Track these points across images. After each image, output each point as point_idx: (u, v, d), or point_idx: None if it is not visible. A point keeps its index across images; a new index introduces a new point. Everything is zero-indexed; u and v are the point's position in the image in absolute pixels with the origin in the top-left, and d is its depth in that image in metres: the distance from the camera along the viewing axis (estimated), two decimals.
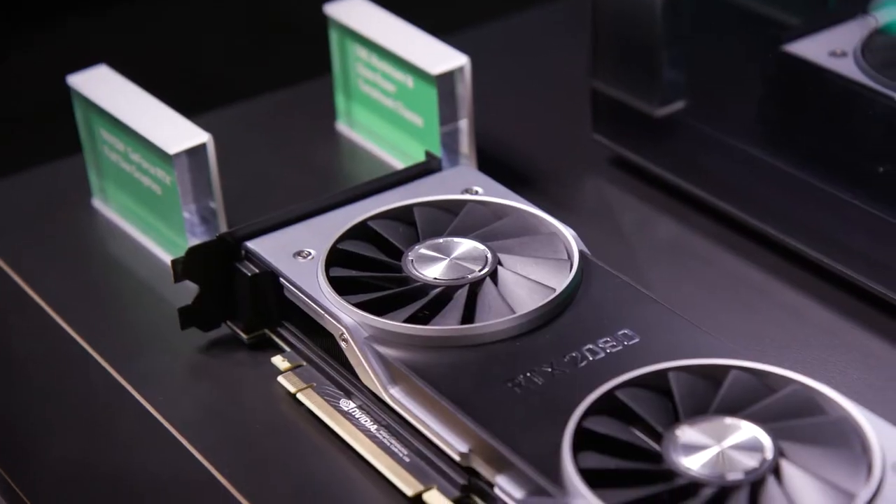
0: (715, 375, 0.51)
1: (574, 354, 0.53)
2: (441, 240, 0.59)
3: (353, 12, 0.71)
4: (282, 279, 0.58)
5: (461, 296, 0.56)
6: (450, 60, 0.67)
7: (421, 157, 0.65)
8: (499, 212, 0.61)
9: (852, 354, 0.59)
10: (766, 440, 0.49)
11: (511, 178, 0.66)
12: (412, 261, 0.58)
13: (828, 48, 0.64)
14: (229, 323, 0.61)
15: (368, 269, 0.58)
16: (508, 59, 0.81)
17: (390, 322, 0.55)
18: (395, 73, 0.69)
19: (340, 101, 0.74)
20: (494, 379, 0.52)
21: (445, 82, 0.67)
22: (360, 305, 0.56)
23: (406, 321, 0.55)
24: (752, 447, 0.48)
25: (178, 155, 0.63)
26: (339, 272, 0.58)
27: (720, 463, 0.48)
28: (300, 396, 0.57)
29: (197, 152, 0.63)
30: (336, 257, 0.58)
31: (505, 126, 0.75)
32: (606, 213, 0.69)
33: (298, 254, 0.59)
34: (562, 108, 0.76)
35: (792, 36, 0.65)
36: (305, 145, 0.74)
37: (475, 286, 0.57)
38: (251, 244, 0.60)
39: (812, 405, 0.50)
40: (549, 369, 0.53)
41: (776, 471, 0.48)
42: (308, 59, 0.82)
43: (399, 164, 0.71)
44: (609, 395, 0.51)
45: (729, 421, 0.49)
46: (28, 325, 0.64)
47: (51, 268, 0.67)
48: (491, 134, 0.73)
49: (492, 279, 0.57)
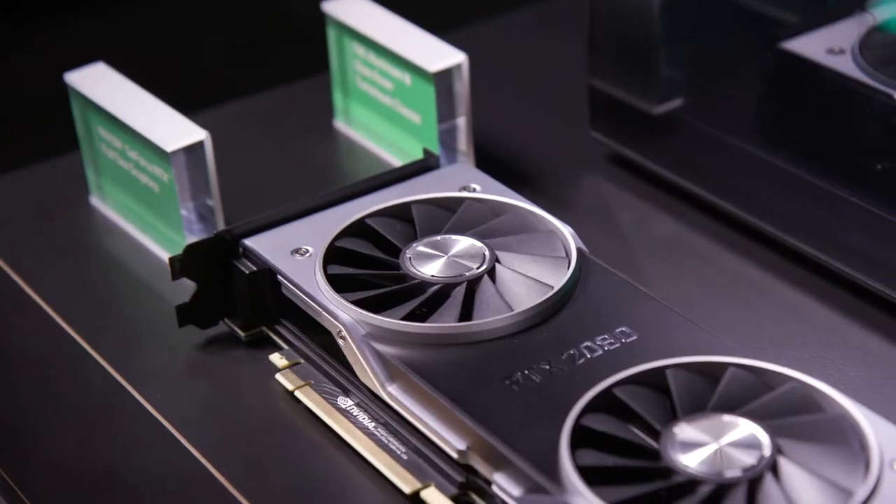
0: (713, 373, 0.51)
1: (572, 352, 0.53)
2: (439, 237, 0.59)
3: (351, 10, 0.71)
4: (279, 277, 0.58)
5: (459, 293, 0.56)
6: (447, 58, 0.67)
7: (419, 155, 0.65)
8: (497, 209, 0.61)
9: (850, 352, 0.59)
10: (763, 438, 0.49)
11: (509, 176, 0.66)
12: (410, 258, 0.58)
13: (825, 45, 0.64)
14: (227, 320, 0.61)
15: (366, 266, 0.58)
16: (506, 56, 0.81)
17: (388, 319, 0.55)
18: (392, 70, 0.69)
19: (338, 99, 0.74)
20: (492, 376, 0.52)
21: (443, 80, 0.67)
22: (357, 303, 0.56)
23: (404, 318, 0.55)
24: (750, 444, 0.48)
25: (176, 152, 0.63)
26: (336, 270, 0.58)
27: (718, 460, 0.48)
28: (298, 394, 0.57)
29: (194, 150, 0.63)
30: (334, 255, 0.58)
31: (503, 123, 0.75)
32: (604, 210, 0.69)
33: (296, 251, 0.59)
34: (560, 106, 0.76)
35: (790, 33, 0.65)
36: (303, 143, 0.74)
37: (473, 284, 0.57)
38: (249, 242, 0.60)
39: (810, 402, 0.50)
40: (547, 367, 0.53)
41: (774, 468, 0.48)
42: (306, 56, 0.82)
43: (397, 162, 0.71)
44: (607, 392, 0.51)
45: (727, 418, 0.49)
46: (25, 323, 0.64)
47: (48, 265, 0.67)
48: (489, 131, 0.73)
49: (490, 277, 0.57)
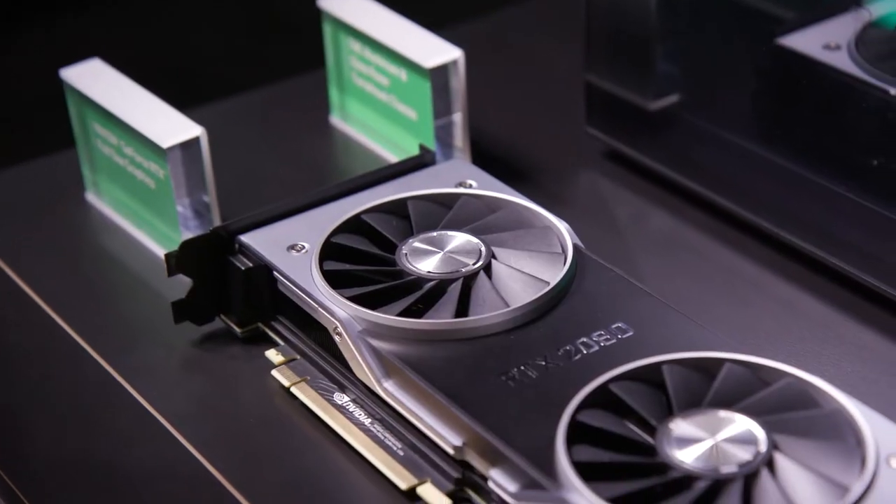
0: (709, 368, 0.52)
1: (568, 348, 0.53)
2: (435, 233, 0.59)
3: (347, 6, 0.71)
4: (275, 273, 0.58)
5: (455, 289, 0.56)
6: (443, 54, 0.67)
7: (415, 151, 0.65)
8: (493, 205, 0.61)
9: (846, 347, 0.59)
10: (759, 433, 0.49)
11: (505, 172, 0.66)
12: (406, 254, 0.58)
13: (821, 41, 0.64)
14: (223, 317, 0.61)
15: (362, 262, 0.58)
16: (502, 52, 0.81)
17: (384, 315, 0.55)
18: (388, 66, 0.69)
19: (334, 95, 0.74)
20: (488, 372, 0.52)
21: (439, 76, 0.67)
22: (353, 299, 0.56)
23: (400, 315, 0.55)
24: (746, 440, 0.48)
25: (172, 148, 0.63)
26: (332, 266, 0.58)
27: (714, 456, 0.48)
28: (294, 390, 0.57)
29: (190, 146, 0.63)
30: (330, 251, 0.58)
31: (499, 119, 0.75)
32: (600, 206, 0.69)
33: (292, 247, 0.59)
34: (556, 102, 0.76)
35: (786, 29, 0.65)
36: (299, 139, 0.74)
37: (469, 280, 0.57)
38: (245, 238, 0.60)
39: (806, 398, 0.50)
40: (543, 363, 0.53)
41: (770, 464, 0.48)
42: (302, 52, 0.82)
43: (393, 158, 0.71)
44: (603, 388, 0.51)
45: (723, 414, 0.49)
46: (21, 320, 0.64)
47: (44, 262, 0.67)
48: (485, 127, 0.73)
49: (486, 273, 0.57)
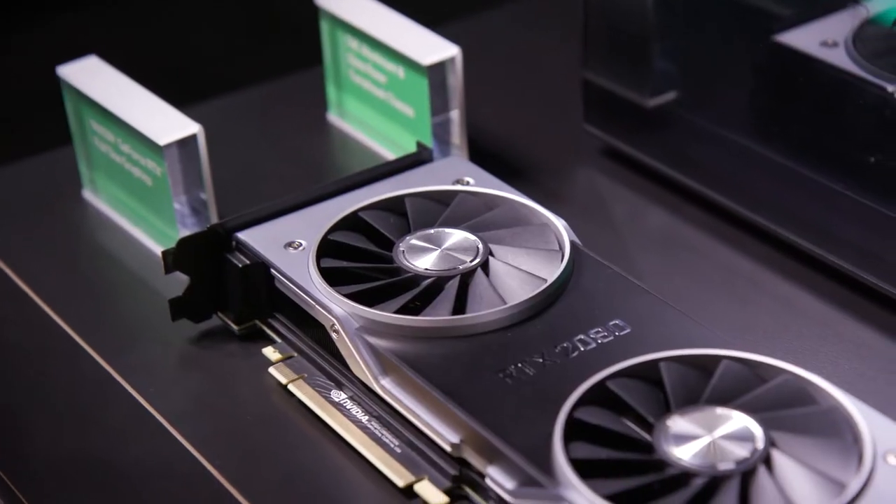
0: (706, 366, 0.51)
1: (565, 345, 0.53)
2: (432, 230, 0.59)
3: (344, 3, 0.71)
4: (273, 270, 0.58)
5: (452, 286, 0.56)
6: (441, 51, 0.67)
7: (412, 148, 0.65)
8: (490, 202, 0.61)
9: (844, 344, 0.59)
10: (757, 430, 0.49)
11: (502, 169, 0.66)
12: (403, 251, 0.58)
13: (819, 38, 0.64)
14: (220, 314, 0.61)
15: (359, 259, 0.58)
16: (500, 49, 0.81)
17: (381, 313, 0.54)
18: (386, 63, 0.69)
19: (331, 92, 0.74)
20: (486, 369, 0.52)
21: (437, 73, 0.67)
22: (351, 296, 0.55)
23: (397, 312, 0.55)
24: (744, 437, 0.48)
25: (169, 146, 0.63)
26: (330, 263, 0.58)
27: (711, 453, 0.48)
28: (291, 387, 0.57)
29: (187, 143, 0.63)
30: (327, 248, 0.58)
31: (496, 117, 0.75)
32: (598, 203, 0.69)
33: (289, 245, 0.59)
34: (553, 99, 0.76)
35: (783, 26, 0.65)
36: (296, 136, 0.74)
37: (466, 277, 0.57)
38: (242, 235, 0.60)
39: (803, 395, 0.50)
40: (541, 360, 0.53)
41: (767, 461, 0.48)
42: (299, 49, 0.81)
43: (390, 155, 0.71)
44: (600, 385, 0.51)
45: (720, 411, 0.49)
46: (17, 317, 0.64)
47: (41, 259, 0.67)
48: (482, 125, 0.73)
49: (483, 270, 0.57)
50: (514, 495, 0.49)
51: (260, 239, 0.59)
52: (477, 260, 0.57)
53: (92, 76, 0.67)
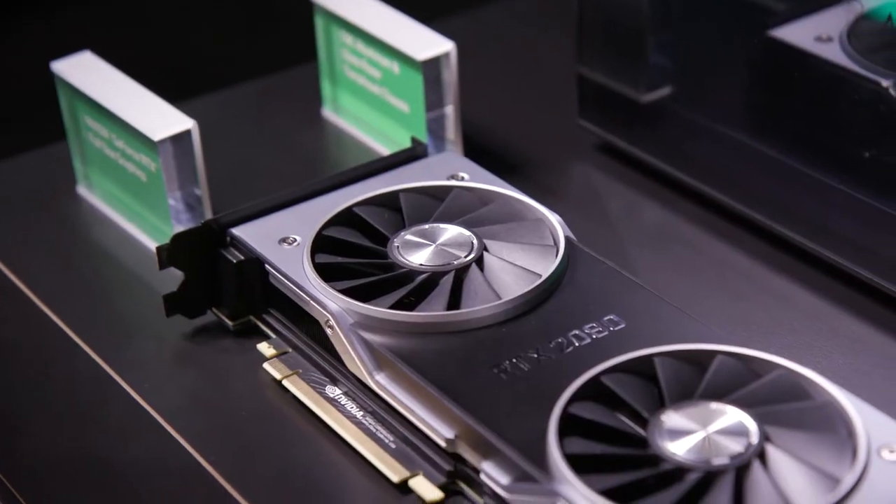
0: (700, 361, 0.52)
1: (560, 340, 0.53)
2: (427, 226, 0.59)
3: None
4: (267, 266, 0.58)
5: (447, 282, 0.56)
6: (435, 46, 0.67)
7: (407, 144, 0.65)
8: (485, 198, 0.61)
9: (838, 339, 0.59)
10: (751, 425, 0.49)
11: (497, 164, 0.66)
12: (398, 247, 0.58)
13: (814, 33, 0.64)
14: (215, 310, 0.61)
15: (354, 255, 0.58)
16: (495, 44, 0.81)
17: (376, 308, 0.54)
18: (380, 59, 0.69)
19: (326, 88, 0.74)
20: (480, 365, 0.52)
21: (431, 68, 0.67)
22: (345, 292, 0.55)
23: (392, 307, 0.55)
24: (738, 432, 0.48)
25: (163, 141, 0.63)
26: (324, 259, 0.58)
27: (706, 448, 0.48)
28: (286, 383, 0.57)
29: (182, 139, 0.63)
30: (321, 244, 0.58)
31: (491, 112, 0.75)
32: (593, 199, 0.69)
33: (284, 240, 0.59)
34: (548, 94, 0.76)
35: (778, 21, 0.65)
36: (291, 132, 0.74)
37: (461, 272, 0.56)
38: (236, 231, 0.59)
39: (798, 390, 0.50)
40: (535, 355, 0.53)
41: (762, 455, 0.48)
42: (294, 45, 0.81)
43: (385, 151, 0.71)
44: (595, 380, 0.51)
45: (714, 406, 0.49)
46: (12, 313, 0.64)
47: (35, 255, 0.66)
48: (477, 120, 0.73)
49: (478, 265, 0.57)
50: (508, 490, 0.49)
51: (254, 234, 0.59)
52: (471, 255, 0.57)
53: (86, 72, 0.67)
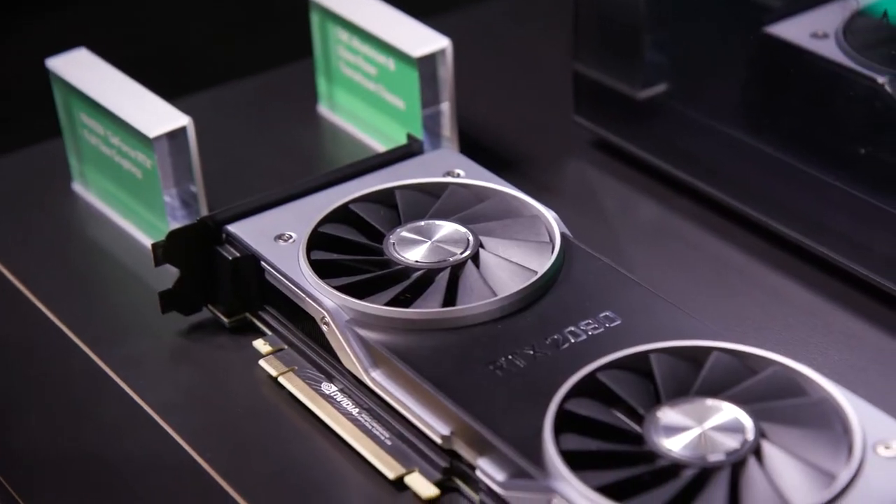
0: (696, 357, 0.52)
1: (556, 337, 0.53)
2: (423, 223, 0.59)
3: None
4: (263, 263, 0.58)
5: (443, 279, 0.56)
6: (431, 43, 0.67)
7: (403, 140, 0.65)
8: (481, 194, 0.61)
9: (833, 336, 0.59)
10: (747, 421, 0.49)
11: (493, 161, 0.66)
12: (394, 244, 0.58)
13: (809, 30, 0.64)
14: (210, 307, 0.61)
15: (350, 252, 0.58)
16: (490, 41, 0.81)
17: (372, 305, 0.54)
18: (376, 55, 0.69)
19: (322, 84, 0.74)
20: (476, 362, 0.52)
21: (427, 65, 0.67)
22: (341, 289, 0.55)
23: (387, 304, 0.55)
24: (734, 428, 0.48)
25: (159, 138, 0.63)
26: (320, 255, 0.58)
27: (701, 444, 0.48)
28: (282, 380, 0.57)
29: (177, 136, 0.63)
30: (317, 240, 0.58)
31: (487, 109, 0.75)
32: (588, 195, 0.69)
33: (279, 237, 0.59)
34: (544, 91, 0.76)
35: (774, 18, 0.65)
36: (287, 128, 0.74)
37: (457, 269, 0.56)
38: (232, 228, 0.59)
39: (793, 386, 0.50)
40: (531, 352, 0.53)
41: (757, 452, 0.48)
42: (289, 42, 0.81)
43: (381, 147, 0.71)
44: (590, 377, 0.51)
45: (710, 402, 0.49)
46: (7, 310, 0.64)
47: (31, 252, 0.66)
48: (473, 117, 0.73)
49: (473, 262, 0.57)
50: (504, 487, 0.49)
51: (250, 231, 0.59)
52: (467, 252, 0.57)
53: (81, 68, 0.67)
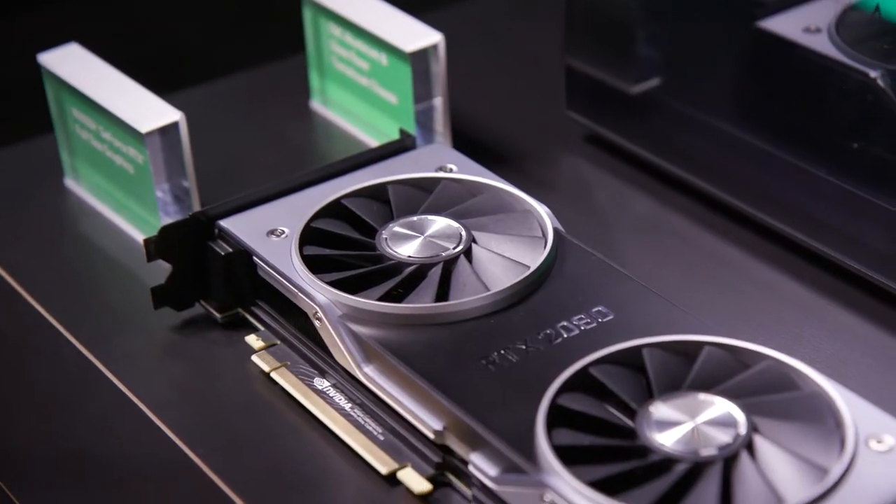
0: (688, 352, 0.52)
1: (548, 332, 0.53)
2: (415, 218, 0.59)
3: None
4: (255, 258, 0.58)
5: (435, 273, 0.56)
6: (424, 38, 0.67)
7: (395, 135, 0.65)
8: (473, 189, 0.61)
9: (826, 330, 0.59)
10: (739, 416, 0.49)
11: (485, 156, 0.66)
12: (386, 239, 0.58)
13: (802, 24, 0.64)
14: (203, 302, 0.60)
15: (342, 247, 0.58)
16: (483, 36, 0.81)
17: (364, 300, 0.54)
18: (369, 50, 0.69)
19: (314, 79, 0.74)
20: (468, 356, 0.52)
21: (420, 60, 0.67)
22: (333, 284, 0.55)
23: (380, 299, 0.55)
24: (726, 423, 0.48)
25: (151, 134, 0.63)
26: (312, 251, 0.58)
27: (694, 439, 0.48)
28: (274, 375, 0.57)
29: (169, 131, 0.63)
30: (310, 236, 0.58)
31: (479, 104, 0.75)
32: (581, 190, 0.69)
33: (272, 232, 0.59)
34: (536, 86, 0.76)
35: (766, 12, 0.65)
36: (279, 123, 0.74)
37: (449, 264, 0.56)
38: (224, 223, 0.59)
39: (785, 380, 0.50)
40: (524, 347, 0.53)
41: (749, 446, 0.48)
42: (282, 37, 0.81)
43: (373, 142, 0.71)
44: (583, 371, 0.51)
45: (702, 397, 0.49)
46: None
47: (23, 248, 0.66)
48: (465, 112, 0.73)
49: (466, 257, 0.57)
50: (497, 482, 0.49)
51: (242, 227, 0.59)
52: (460, 247, 0.57)
53: (73, 64, 0.67)
